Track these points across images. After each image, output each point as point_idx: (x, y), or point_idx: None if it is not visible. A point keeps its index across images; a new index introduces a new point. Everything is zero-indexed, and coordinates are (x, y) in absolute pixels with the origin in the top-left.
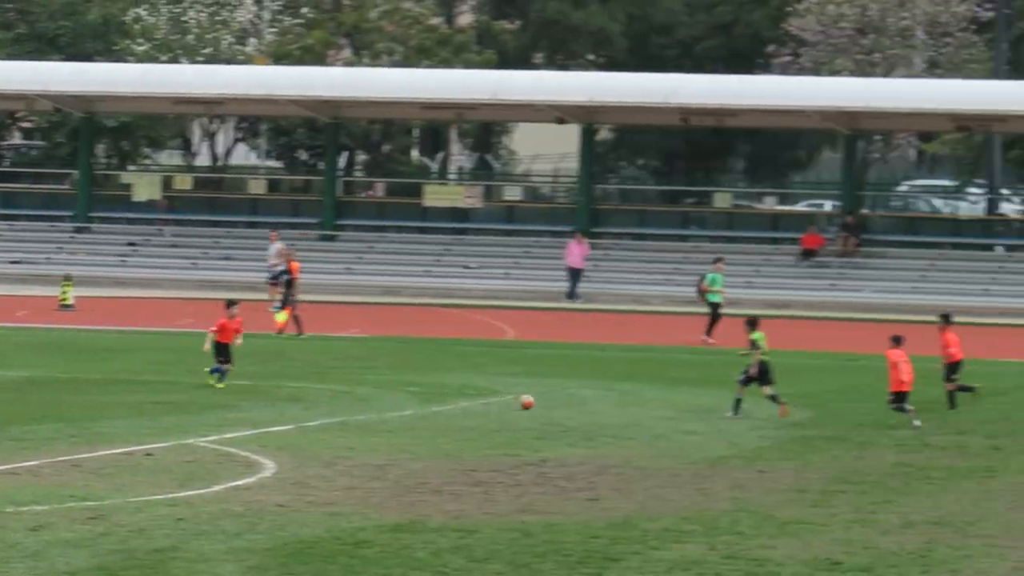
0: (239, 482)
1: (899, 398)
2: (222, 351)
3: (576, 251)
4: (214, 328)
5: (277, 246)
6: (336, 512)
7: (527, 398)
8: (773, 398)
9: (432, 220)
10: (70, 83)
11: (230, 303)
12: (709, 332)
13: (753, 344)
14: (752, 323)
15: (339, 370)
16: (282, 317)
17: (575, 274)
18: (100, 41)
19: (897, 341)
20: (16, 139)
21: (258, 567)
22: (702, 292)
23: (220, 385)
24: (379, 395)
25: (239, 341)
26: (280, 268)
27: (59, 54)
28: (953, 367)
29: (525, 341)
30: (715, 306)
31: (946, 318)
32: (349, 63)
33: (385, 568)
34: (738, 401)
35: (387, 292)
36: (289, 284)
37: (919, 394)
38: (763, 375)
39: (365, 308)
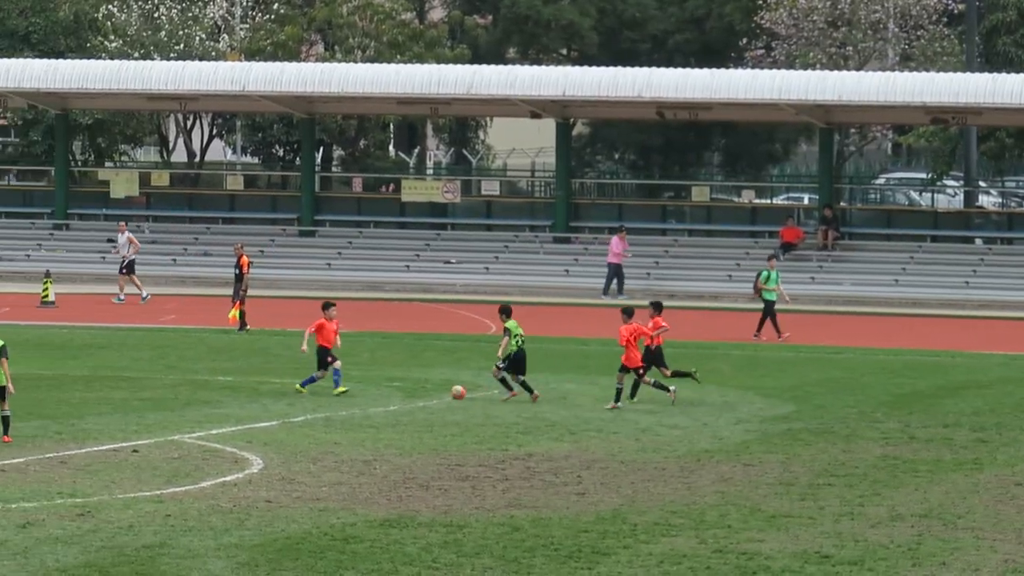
0: (226, 478)
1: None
2: (325, 354)
3: (617, 247)
4: (311, 329)
5: (127, 235)
6: (324, 508)
7: (458, 388)
8: (525, 385)
9: (411, 215)
10: (43, 80)
11: (327, 305)
12: (760, 329)
13: (506, 331)
14: (505, 311)
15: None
16: (234, 313)
17: (614, 271)
18: (72, 38)
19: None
20: None
21: (247, 563)
22: (758, 289)
23: (304, 390)
24: (363, 390)
25: (338, 343)
26: (132, 258)
27: (31, 51)
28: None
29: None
30: (769, 304)
31: (657, 306)
32: (322, 59)
33: (375, 563)
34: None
35: (368, 287)
36: (239, 278)
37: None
38: (517, 364)
39: (346, 304)
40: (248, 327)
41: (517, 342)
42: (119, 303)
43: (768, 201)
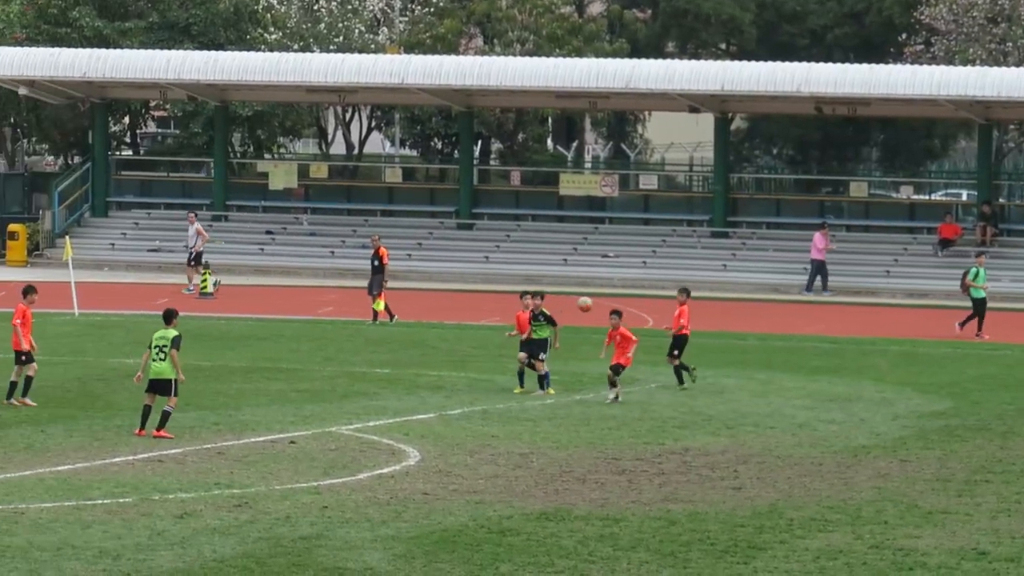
0: (383, 470)
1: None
2: (526, 347)
3: (821, 243)
4: (516, 330)
5: (196, 227)
6: (481, 500)
7: (586, 300)
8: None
9: (569, 209)
10: (203, 72)
11: (525, 294)
12: (964, 324)
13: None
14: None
15: (479, 359)
16: (379, 305)
17: (818, 267)
18: (232, 30)
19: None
20: (151, 128)
21: (404, 555)
22: (966, 286)
23: (551, 391)
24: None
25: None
26: (201, 250)
27: (192, 43)
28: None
29: (665, 330)
30: (978, 302)
31: (686, 292)
32: (481, 52)
33: (531, 556)
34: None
35: (525, 281)
36: (378, 270)
37: None
38: None
39: (503, 296)
40: (383, 319)
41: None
42: (188, 294)
43: (926, 197)
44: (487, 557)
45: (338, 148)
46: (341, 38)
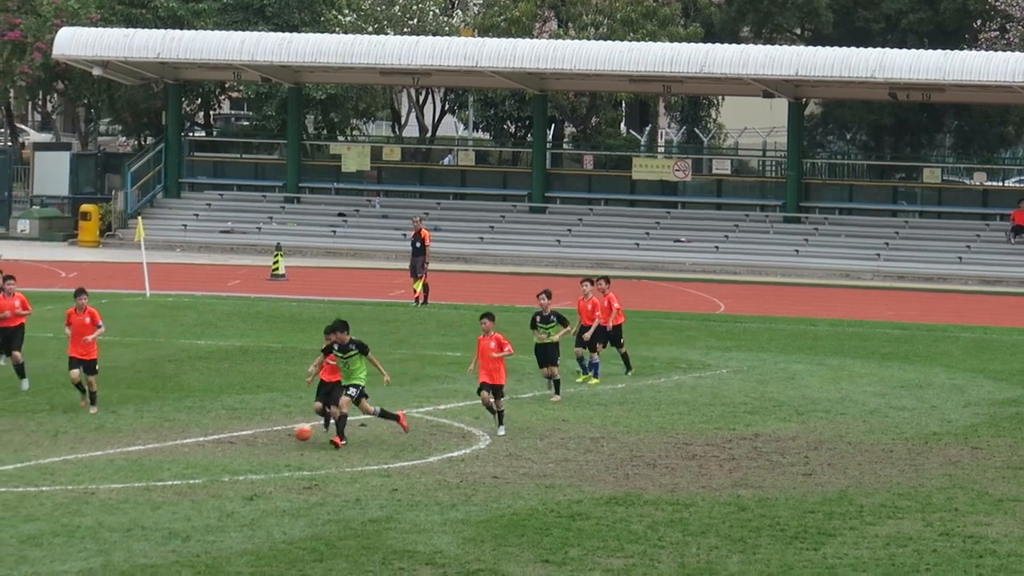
0: (453, 453)
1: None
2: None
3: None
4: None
5: None
6: (551, 484)
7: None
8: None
9: (641, 193)
10: (276, 54)
11: (585, 280)
12: None
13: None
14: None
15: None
16: (419, 286)
17: None
18: (306, 12)
19: None
20: (225, 109)
21: (473, 539)
22: None
23: (595, 381)
24: None
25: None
26: None
27: (266, 24)
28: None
29: (736, 315)
30: None
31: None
32: (555, 35)
33: (601, 540)
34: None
35: (597, 265)
36: (419, 251)
37: None
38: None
39: (575, 281)
40: (418, 299)
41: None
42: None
43: (1000, 184)
44: (556, 541)
45: (411, 131)
46: (415, 20)
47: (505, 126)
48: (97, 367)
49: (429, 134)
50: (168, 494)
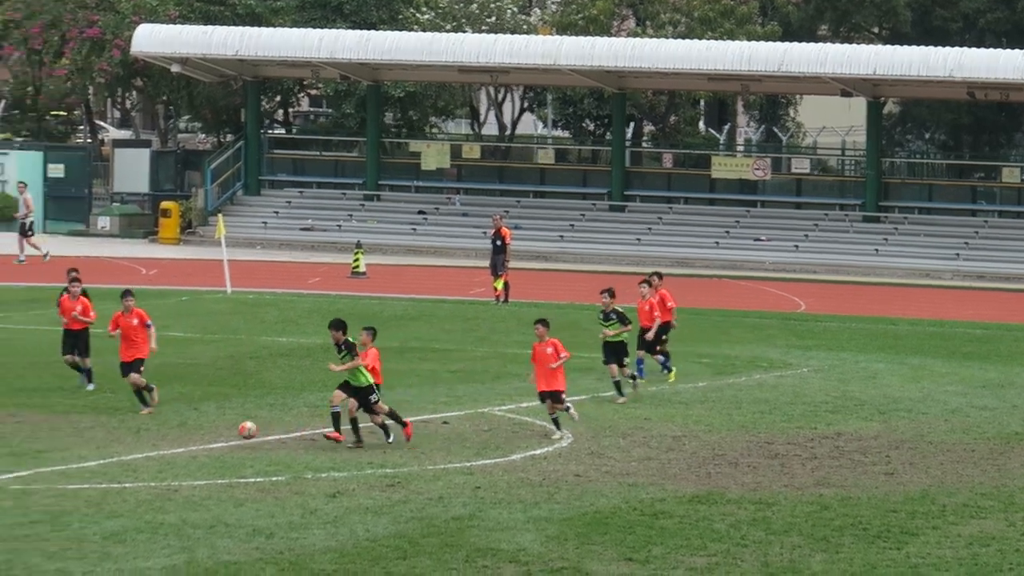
0: (536, 451)
1: None
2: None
3: None
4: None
5: (25, 196)
6: (633, 483)
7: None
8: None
9: (720, 192)
10: (355, 51)
11: (643, 282)
12: None
13: None
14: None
15: (631, 342)
16: (499, 284)
17: None
18: (385, 10)
19: None
20: (304, 106)
21: (556, 536)
22: None
23: (672, 377)
24: (672, 366)
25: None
26: (30, 220)
27: (344, 22)
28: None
29: (816, 314)
30: None
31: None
32: (633, 34)
33: (684, 539)
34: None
35: (677, 263)
36: (500, 250)
37: None
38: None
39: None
40: (499, 297)
41: None
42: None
43: None
44: (639, 540)
45: (490, 129)
46: (493, 18)
47: (584, 124)
48: (142, 367)
49: (508, 132)
50: (251, 491)
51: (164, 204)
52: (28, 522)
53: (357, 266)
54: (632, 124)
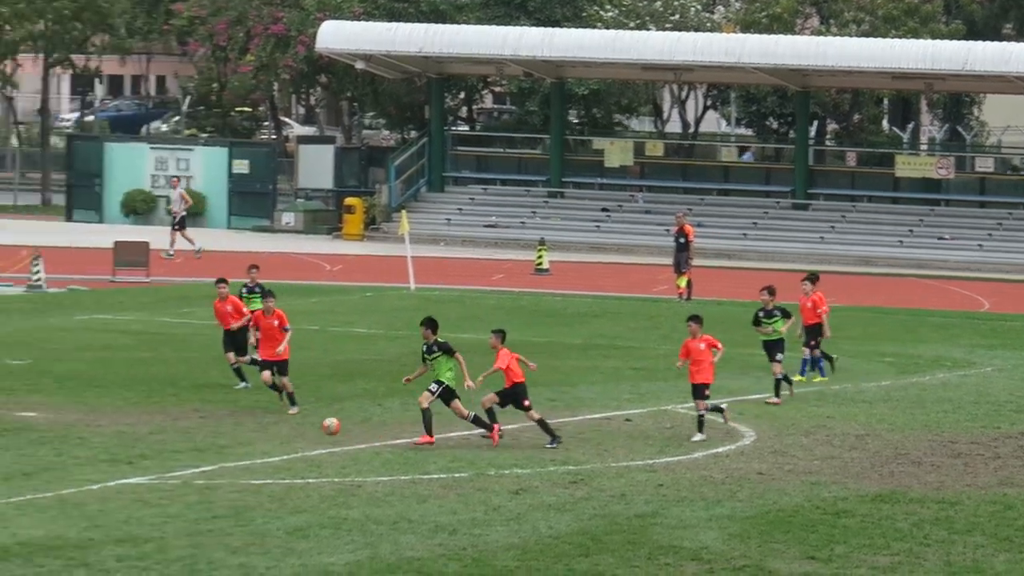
0: (718, 449)
1: None
2: (811, 332)
3: None
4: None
5: (179, 191)
6: (816, 481)
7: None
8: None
9: (904, 191)
10: (539, 49)
11: (812, 277)
12: None
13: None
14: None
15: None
16: (682, 282)
17: None
18: (568, 7)
19: None
20: (487, 104)
21: (739, 535)
22: None
23: (822, 378)
24: (855, 365)
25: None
26: (182, 215)
27: (528, 19)
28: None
29: (1001, 313)
30: None
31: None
32: (816, 32)
33: (867, 538)
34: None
35: (860, 262)
36: (683, 247)
37: None
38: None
39: (838, 277)
40: (682, 295)
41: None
42: (167, 258)
43: None
44: (822, 538)
45: (673, 126)
46: (677, 16)
47: (767, 122)
48: (287, 368)
49: (692, 130)
50: (434, 487)
51: (348, 200)
52: (211, 517)
53: (540, 263)
54: (815, 122)
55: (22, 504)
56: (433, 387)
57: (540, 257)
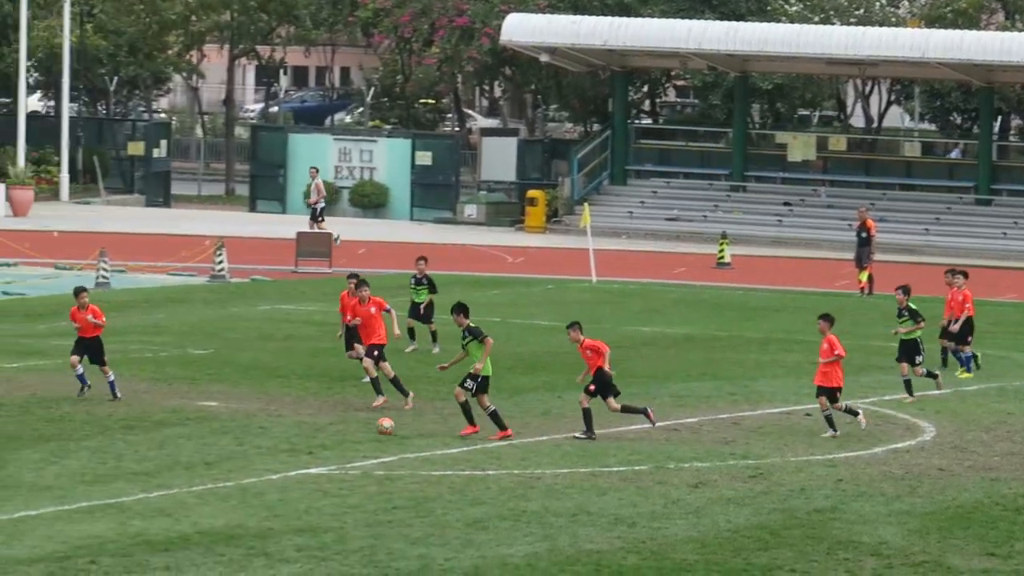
0: (898, 445)
1: None
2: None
3: None
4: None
5: (317, 182)
6: (996, 478)
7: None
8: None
9: None
10: (722, 42)
11: (953, 273)
12: None
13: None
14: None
15: (994, 335)
16: (864, 276)
17: None
18: (753, 1)
19: None
20: (670, 97)
21: (918, 530)
22: None
23: (968, 375)
24: None
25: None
26: (320, 206)
27: (712, 13)
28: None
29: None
30: None
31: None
32: (1002, 27)
33: None
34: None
35: None
36: (865, 242)
37: None
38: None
39: (1020, 273)
40: (864, 289)
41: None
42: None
43: None
44: (1002, 535)
45: (857, 121)
46: (861, 10)
47: (951, 117)
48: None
49: (875, 125)
50: (614, 480)
51: (531, 193)
52: (391, 508)
53: (722, 257)
54: (1000, 118)
55: (203, 493)
56: (469, 383)
57: (722, 251)
